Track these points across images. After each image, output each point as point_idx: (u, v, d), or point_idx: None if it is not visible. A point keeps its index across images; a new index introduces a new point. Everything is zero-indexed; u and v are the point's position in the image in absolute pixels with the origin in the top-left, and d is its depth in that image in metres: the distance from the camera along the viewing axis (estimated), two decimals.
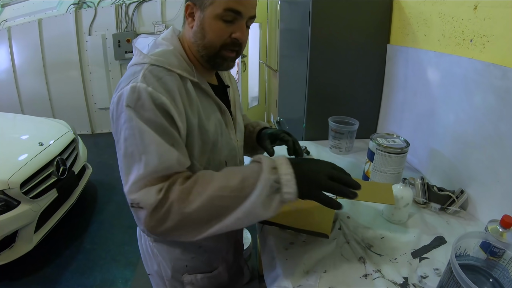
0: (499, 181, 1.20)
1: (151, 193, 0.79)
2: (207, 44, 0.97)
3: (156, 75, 0.88)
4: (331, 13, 1.83)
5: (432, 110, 1.57)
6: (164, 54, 0.95)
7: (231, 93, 1.21)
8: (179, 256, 1.13)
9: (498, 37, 1.20)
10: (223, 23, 0.93)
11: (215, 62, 1.01)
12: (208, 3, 0.92)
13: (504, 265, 0.90)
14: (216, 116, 1.04)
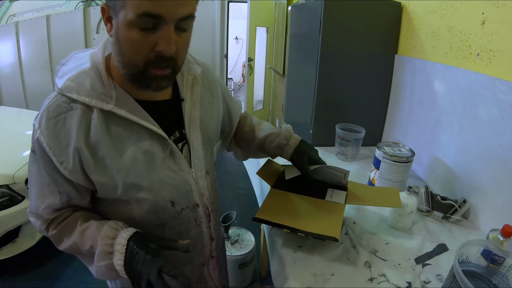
0: (501, 191, 1.24)
1: (38, 223, 0.91)
2: (126, 62, 0.76)
3: (52, 112, 0.78)
4: (342, 21, 1.87)
5: (437, 120, 1.60)
6: (79, 77, 0.79)
7: (187, 108, 0.95)
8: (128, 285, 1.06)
9: (505, 52, 1.24)
10: (140, 32, 0.70)
11: (141, 83, 0.79)
12: (119, 5, 0.69)
13: (504, 272, 0.93)
14: (140, 148, 0.84)
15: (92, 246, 0.83)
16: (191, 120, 0.95)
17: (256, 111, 5.59)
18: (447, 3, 1.51)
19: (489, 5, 1.28)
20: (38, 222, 0.91)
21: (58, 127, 0.77)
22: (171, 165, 0.90)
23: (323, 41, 1.87)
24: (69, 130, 0.78)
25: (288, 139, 1.23)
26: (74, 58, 0.86)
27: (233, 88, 8.54)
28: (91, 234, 0.84)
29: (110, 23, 0.74)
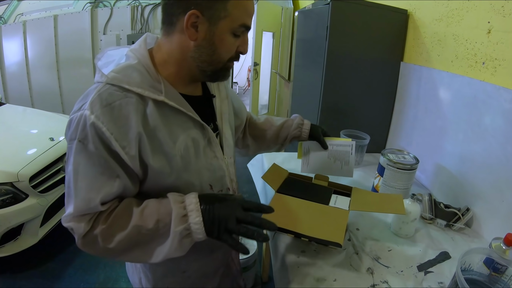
0: (504, 200, 1.24)
1: (81, 225, 0.83)
2: (215, 60, 0.89)
3: (105, 99, 0.80)
4: (348, 27, 1.88)
5: (441, 128, 1.61)
6: (125, 70, 0.85)
7: (218, 103, 1.08)
8: (161, 278, 1.07)
9: (510, 61, 1.24)
10: (233, 37, 0.88)
11: (218, 76, 0.94)
12: (222, 15, 0.83)
13: (506, 281, 0.93)
14: (189, 135, 0.93)
15: (158, 220, 0.83)
16: (222, 113, 1.08)
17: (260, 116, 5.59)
18: (453, 12, 1.52)
19: (495, 14, 1.29)
20: (82, 224, 0.82)
21: (115, 113, 0.80)
22: (209, 152, 0.99)
23: (330, 47, 1.88)
24: (127, 116, 0.81)
25: (303, 120, 1.43)
26: (106, 55, 0.94)
27: (238, 92, 8.56)
28: (154, 210, 0.85)
29: (195, 29, 0.83)
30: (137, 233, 0.83)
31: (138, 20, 5.31)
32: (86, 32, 5.32)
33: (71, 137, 0.81)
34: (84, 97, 0.83)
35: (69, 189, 0.83)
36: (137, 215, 0.84)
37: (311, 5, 2.25)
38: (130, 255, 0.86)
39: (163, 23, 0.89)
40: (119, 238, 0.83)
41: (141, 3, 5.26)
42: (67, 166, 0.84)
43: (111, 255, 0.87)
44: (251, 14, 0.88)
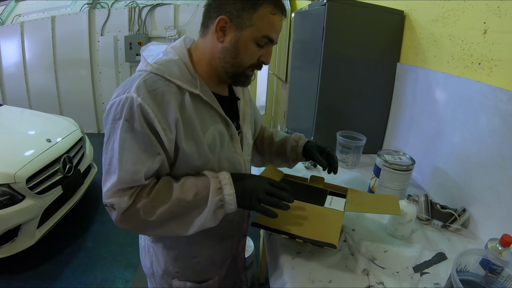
0: (501, 201, 1.24)
1: (123, 199, 0.90)
2: (237, 63, 0.98)
3: (150, 85, 0.90)
4: (345, 28, 1.87)
5: (438, 129, 1.61)
6: (167, 63, 0.96)
7: (242, 105, 1.20)
8: (172, 261, 1.15)
9: (506, 62, 1.24)
10: (256, 46, 0.97)
11: (238, 80, 1.04)
12: (247, 24, 0.93)
13: (502, 282, 0.93)
14: (216, 128, 1.03)
15: (196, 193, 0.94)
16: (245, 115, 1.19)
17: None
18: (449, 12, 1.52)
19: (491, 15, 1.29)
20: (124, 199, 0.90)
21: (158, 98, 0.90)
22: (230, 146, 1.09)
23: (326, 48, 1.88)
24: (168, 102, 0.91)
25: (297, 141, 1.39)
26: (148, 49, 1.05)
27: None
28: (193, 184, 0.96)
29: (223, 32, 0.95)
30: (177, 206, 0.93)
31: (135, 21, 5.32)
32: (84, 33, 5.33)
33: (115, 117, 0.89)
34: (127, 83, 0.92)
35: (111, 166, 0.90)
36: (177, 189, 0.94)
37: (308, 6, 2.25)
38: (167, 227, 0.95)
39: (201, 25, 1.00)
40: (160, 211, 0.92)
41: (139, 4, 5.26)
42: (108, 144, 0.91)
43: (149, 228, 0.95)
44: (276, 28, 0.97)
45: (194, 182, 0.96)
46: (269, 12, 0.93)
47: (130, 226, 0.94)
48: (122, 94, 0.90)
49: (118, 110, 0.89)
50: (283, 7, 0.98)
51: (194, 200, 0.94)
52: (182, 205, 0.93)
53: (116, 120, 0.89)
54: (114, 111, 0.89)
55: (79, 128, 3.39)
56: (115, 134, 0.89)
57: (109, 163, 0.91)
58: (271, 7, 0.93)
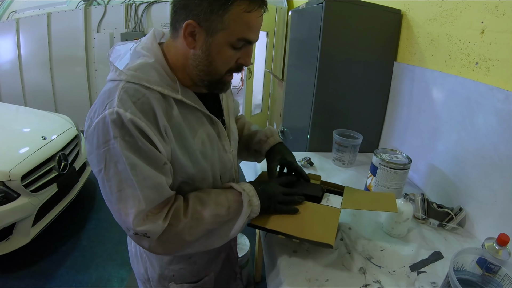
0: (497, 200, 1.24)
1: (158, 223, 0.85)
2: (212, 71, 0.90)
3: (133, 96, 0.82)
4: (342, 27, 1.87)
5: (435, 128, 1.61)
6: (143, 68, 0.87)
7: (224, 99, 1.14)
8: (167, 265, 1.12)
9: (503, 61, 1.24)
10: (232, 50, 0.87)
11: (215, 87, 0.96)
12: (219, 27, 0.82)
13: (499, 281, 0.93)
14: (205, 130, 0.98)
15: (229, 207, 0.96)
16: (229, 108, 1.15)
17: (254, 115, 5.60)
18: (447, 12, 1.52)
19: (489, 14, 1.29)
20: (159, 222, 0.84)
21: (145, 108, 0.83)
22: (219, 146, 1.05)
23: (323, 47, 1.88)
24: (155, 111, 0.84)
25: (268, 137, 1.33)
26: (115, 50, 0.97)
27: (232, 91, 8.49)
28: (224, 198, 0.98)
29: (193, 38, 0.85)
30: (212, 222, 0.93)
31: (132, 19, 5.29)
32: (80, 30, 5.30)
33: (105, 138, 0.80)
34: (103, 98, 0.83)
35: (123, 191, 0.82)
36: (212, 205, 0.94)
37: (305, 5, 2.25)
38: (202, 244, 0.94)
39: (170, 25, 0.90)
40: (200, 230, 0.91)
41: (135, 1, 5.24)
42: (108, 170, 0.82)
43: (184, 249, 0.93)
44: (253, 28, 0.86)
45: (225, 196, 0.98)
46: (243, 11, 0.81)
47: (165, 251, 0.90)
48: (103, 111, 0.80)
49: (106, 129, 0.80)
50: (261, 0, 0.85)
51: (227, 214, 0.95)
52: (217, 221, 0.93)
53: (107, 142, 0.80)
54: (102, 132, 0.80)
55: (74, 125, 3.37)
56: (114, 156, 0.80)
57: (119, 189, 0.82)
58: (245, 4, 0.81)
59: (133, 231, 0.84)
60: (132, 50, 0.93)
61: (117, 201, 0.83)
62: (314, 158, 1.95)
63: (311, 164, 1.89)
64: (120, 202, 0.83)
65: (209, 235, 0.94)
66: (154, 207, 0.85)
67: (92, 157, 0.84)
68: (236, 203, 0.98)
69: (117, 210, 0.84)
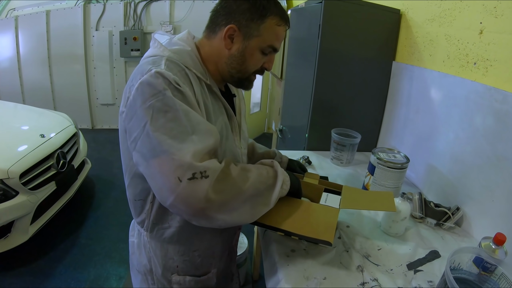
0: (494, 200, 1.25)
1: (214, 162, 0.85)
2: (243, 70, 1.04)
3: (175, 68, 0.91)
4: (341, 26, 1.88)
5: (433, 128, 1.61)
6: (181, 53, 0.98)
7: (237, 102, 1.24)
8: (172, 256, 1.12)
9: (501, 62, 1.25)
10: (261, 54, 1.02)
11: (242, 84, 1.09)
12: (255, 34, 0.98)
13: (496, 280, 0.94)
14: (223, 119, 1.06)
15: (268, 171, 1.03)
16: (241, 110, 1.23)
17: (253, 114, 5.60)
18: (446, 12, 1.52)
19: (488, 15, 1.29)
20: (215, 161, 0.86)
21: (186, 79, 0.92)
22: (231, 139, 1.11)
23: (322, 45, 1.88)
24: (192, 85, 0.93)
25: (281, 158, 1.52)
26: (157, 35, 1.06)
27: None
28: (260, 165, 1.06)
29: (231, 40, 0.99)
30: (259, 181, 0.97)
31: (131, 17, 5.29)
32: (79, 28, 5.29)
33: (153, 92, 0.84)
34: (149, 64, 0.90)
35: (179, 136, 0.83)
36: (253, 168, 1.00)
37: (304, 4, 2.26)
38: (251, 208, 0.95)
39: (207, 28, 1.04)
40: (251, 181, 0.94)
41: None
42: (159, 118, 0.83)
43: (239, 201, 0.90)
44: (280, 39, 1.03)
45: (260, 164, 1.08)
46: (275, 24, 0.99)
47: (222, 197, 0.85)
48: (148, 71, 0.86)
49: (154, 85, 0.84)
50: (288, 19, 1.02)
51: (267, 177, 1.01)
52: (261, 181, 0.98)
53: (155, 95, 0.84)
54: (148, 88, 0.84)
55: (73, 123, 3.36)
56: (164, 106, 0.83)
57: (171, 136, 0.82)
58: (277, 19, 0.99)
59: (191, 172, 0.80)
60: (167, 40, 1.03)
61: (169, 147, 0.81)
62: (312, 157, 1.96)
63: (310, 163, 1.89)
64: (173, 147, 0.81)
65: (256, 196, 0.96)
66: (207, 152, 0.85)
67: (134, 120, 0.87)
68: (271, 170, 1.05)
69: (168, 158, 0.81)
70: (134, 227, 1.19)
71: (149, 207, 1.05)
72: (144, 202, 1.05)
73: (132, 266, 1.25)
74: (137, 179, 1.02)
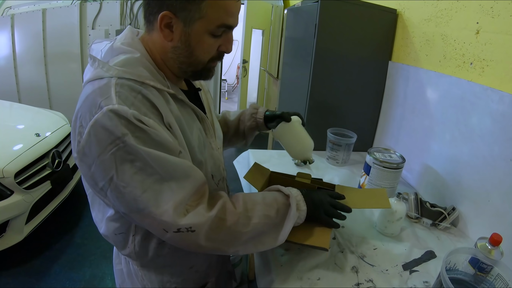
0: (490, 200, 1.25)
1: (202, 213, 0.78)
2: (194, 62, 0.86)
3: (131, 92, 0.75)
4: (337, 26, 1.87)
5: (429, 128, 1.61)
6: (130, 64, 0.80)
7: (204, 96, 1.10)
8: (169, 279, 1.03)
9: (498, 62, 1.25)
10: (212, 38, 0.83)
11: (200, 75, 0.92)
12: (196, 16, 0.79)
13: (491, 281, 0.94)
14: (197, 126, 0.94)
15: (278, 209, 0.94)
16: (210, 105, 1.12)
17: None
18: (442, 12, 1.52)
19: (484, 15, 1.29)
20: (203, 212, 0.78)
21: (146, 103, 0.77)
22: (210, 143, 1.01)
23: (318, 45, 1.88)
24: (155, 106, 0.78)
25: (257, 109, 1.36)
26: (94, 47, 0.91)
27: (227, 89, 8.54)
28: (273, 199, 0.96)
29: (169, 29, 0.81)
30: (264, 223, 0.89)
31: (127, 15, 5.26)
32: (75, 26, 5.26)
33: (111, 138, 0.71)
34: (96, 96, 0.74)
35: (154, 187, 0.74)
36: (261, 204, 0.92)
37: (301, 3, 2.25)
38: (256, 241, 0.90)
39: (144, 19, 0.86)
40: (255, 221, 0.87)
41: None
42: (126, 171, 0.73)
43: (238, 242, 0.86)
44: (233, 13, 0.83)
45: (273, 198, 0.96)
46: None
47: (216, 244, 0.82)
48: (98, 110, 0.72)
49: (110, 129, 0.71)
50: None
51: (276, 216, 0.93)
52: (267, 222, 0.90)
53: (114, 142, 0.71)
54: (104, 133, 0.71)
55: (68, 122, 3.34)
56: (128, 155, 0.72)
57: (144, 189, 0.73)
58: None
59: (175, 228, 0.75)
60: (108, 47, 0.87)
61: (146, 204, 0.74)
62: None
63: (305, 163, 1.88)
64: (150, 203, 0.74)
65: (262, 235, 0.90)
66: (191, 199, 0.78)
67: (94, 170, 0.75)
68: (284, 206, 0.96)
69: (148, 214, 0.74)
70: (119, 254, 1.07)
71: (133, 240, 0.93)
72: (126, 235, 0.93)
73: None
74: (115, 216, 0.90)
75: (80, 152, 0.75)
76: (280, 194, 0.99)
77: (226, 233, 0.82)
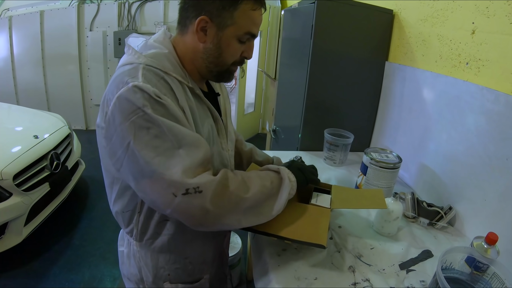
0: (486, 199, 1.25)
1: (209, 177, 0.84)
2: (221, 62, 0.99)
3: (156, 74, 0.88)
4: (334, 27, 1.88)
5: (425, 128, 1.62)
6: (158, 57, 0.93)
7: (222, 101, 1.20)
8: (163, 265, 1.09)
9: (493, 62, 1.25)
10: (239, 43, 0.97)
11: (222, 77, 1.04)
12: (228, 23, 0.92)
13: (488, 280, 0.94)
14: (209, 122, 1.03)
15: (272, 181, 1.00)
16: (226, 110, 1.20)
17: (247, 114, 5.60)
18: (438, 12, 1.53)
19: (480, 15, 1.30)
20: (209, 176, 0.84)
21: (167, 88, 0.88)
22: (220, 142, 1.09)
23: (315, 46, 1.88)
24: (173, 92, 0.89)
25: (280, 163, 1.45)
26: (131, 39, 1.02)
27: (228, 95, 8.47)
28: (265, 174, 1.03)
29: (204, 32, 0.93)
30: (261, 192, 0.95)
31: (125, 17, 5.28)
32: (73, 28, 5.27)
33: (132, 108, 0.81)
34: (125, 76, 0.86)
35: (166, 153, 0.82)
36: (256, 177, 0.98)
37: (297, 4, 2.26)
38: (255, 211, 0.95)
39: (178, 23, 0.99)
40: (253, 190, 0.93)
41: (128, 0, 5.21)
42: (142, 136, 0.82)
43: (240, 209, 0.90)
44: (257, 24, 0.97)
45: (265, 172, 1.04)
46: (249, 9, 0.93)
47: (220, 210, 0.85)
48: (125, 84, 0.83)
49: (132, 100, 0.81)
50: (263, 1, 0.97)
51: (271, 187, 0.99)
52: (264, 192, 0.96)
53: (135, 111, 0.81)
54: (127, 104, 0.82)
55: (66, 124, 3.35)
56: (145, 122, 0.81)
57: (157, 153, 0.82)
58: (251, 3, 0.93)
59: (184, 189, 0.81)
60: (143, 43, 0.99)
61: (157, 166, 0.81)
62: (306, 157, 1.94)
63: None
64: (161, 166, 0.81)
65: (260, 204, 0.96)
66: (198, 168, 0.85)
67: (115, 137, 0.85)
68: (276, 178, 1.03)
69: (159, 178, 0.81)
70: (124, 236, 1.15)
71: (137, 217, 1.02)
72: (132, 213, 1.02)
73: (123, 275, 1.21)
74: (126, 191, 0.99)
75: (106, 122, 0.86)
76: (271, 171, 1.06)
77: (229, 199, 0.87)
